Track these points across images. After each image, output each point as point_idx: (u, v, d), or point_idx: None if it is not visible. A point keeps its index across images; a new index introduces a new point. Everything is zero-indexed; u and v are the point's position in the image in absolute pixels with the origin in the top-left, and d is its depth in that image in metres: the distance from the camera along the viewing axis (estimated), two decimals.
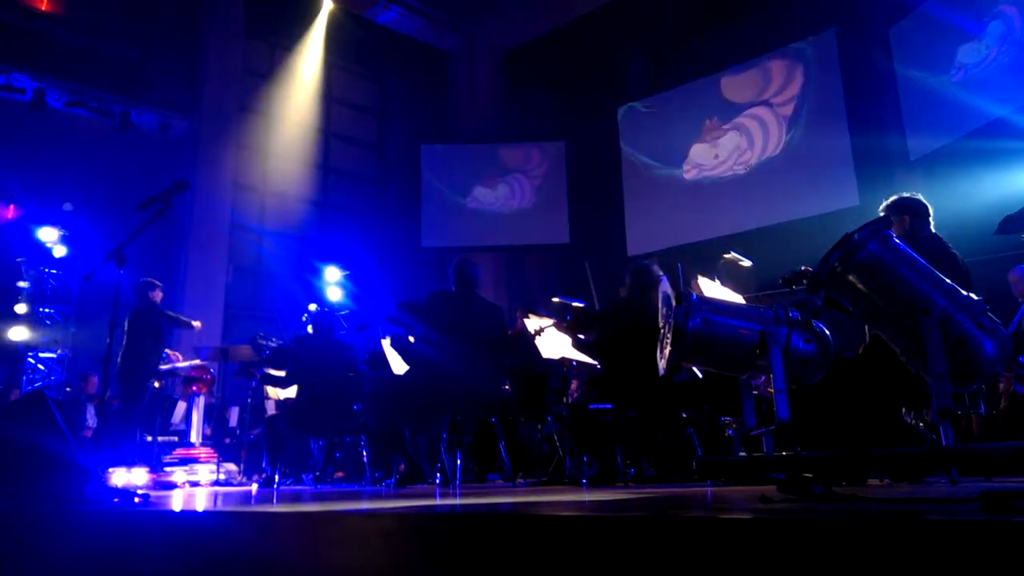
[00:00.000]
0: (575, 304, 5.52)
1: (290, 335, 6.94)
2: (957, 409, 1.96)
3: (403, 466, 4.75)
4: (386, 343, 5.35)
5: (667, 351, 2.22)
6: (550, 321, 4.68)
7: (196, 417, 7.21)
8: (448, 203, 12.08)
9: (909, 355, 2.04)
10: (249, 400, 6.87)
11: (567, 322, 4.43)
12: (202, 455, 6.85)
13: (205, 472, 6.55)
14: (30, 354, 9.13)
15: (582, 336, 4.40)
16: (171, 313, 6.79)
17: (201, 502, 3.17)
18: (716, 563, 1.22)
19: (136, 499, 2.79)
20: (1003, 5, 7.34)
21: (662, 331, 2.34)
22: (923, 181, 7.70)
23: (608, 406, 4.02)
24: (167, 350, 6.82)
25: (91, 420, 7.92)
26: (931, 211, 3.35)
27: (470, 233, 12.00)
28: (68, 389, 8.86)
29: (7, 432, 2.84)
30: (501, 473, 5.26)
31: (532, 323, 4.75)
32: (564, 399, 5.07)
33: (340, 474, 6.56)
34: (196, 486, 6.06)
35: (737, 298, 3.88)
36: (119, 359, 6.16)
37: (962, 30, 7.75)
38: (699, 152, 10.57)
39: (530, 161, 12.14)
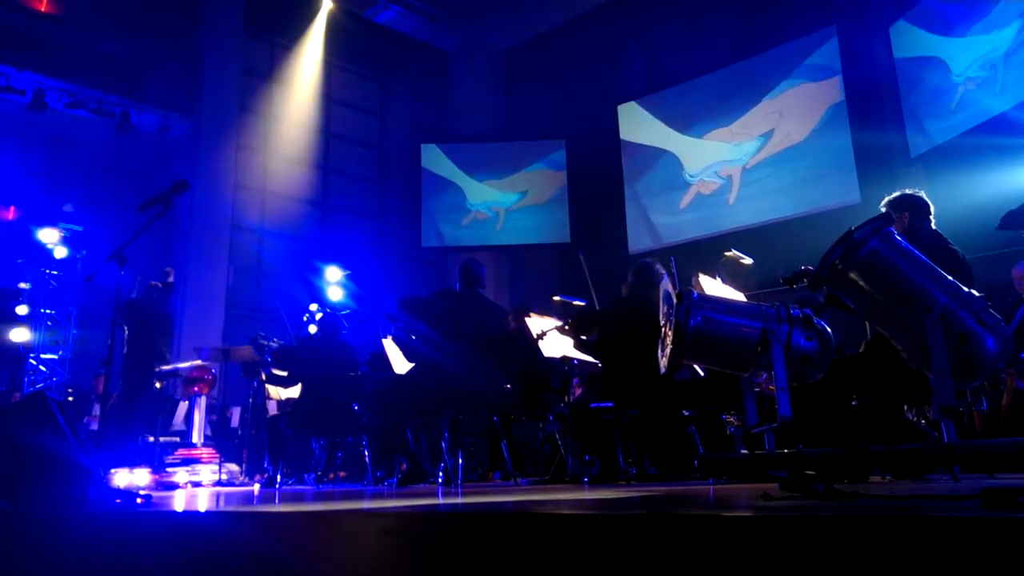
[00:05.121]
0: (576, 303, 5.51)
1: (292, 335, 6.95)
2: (959, 406, 1.96)
3: (405, 465, 4.75)
4: (387, 343, 5.35)
5: (668, 349, 2.22)
6: (552, 323, 4.67)
7: (198, 417, 7.21)
8: (448, 203, 12.08)
9: (911, 352, 2.03)
10: (251, 400, 6.87)
11: (568, 324, 4.43)
12: (204, 455, 6.85)
13: (207, 472, 6.56)
14: (31, 355, 9.13)
15: (584, 337, 4.39)
16: (163, 293, 6.73)
17: (203, 503, 3.17)
18: (718, 561, 1.22)
19: (138, 500, 2.79)
20: (1003, 3, 7.33)
21: (663, 329, 2.34)
22: (924, 178, 7.69)
23: (609, 404, 4.02)
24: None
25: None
26: (932, 207, 3.35)
27: (470, 233, 12.01)
28: (70, 391, 8.85)
29: (9, 433, 2.84)
30: (503, 472, 5.27)
31: (535, 324, 4.74)
32: (565, 398, 5.07)
33: (342, 474, 6.56)
34: (198, 486, 6.07)
35: (738, 296, 3.88)
36: (124, 356, 6.15)
37: (962, 27, 7.74)
38: (699, 150, 10.56)
39: (530, 161, 12.14)
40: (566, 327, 4.40)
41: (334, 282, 9.92)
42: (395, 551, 1.64)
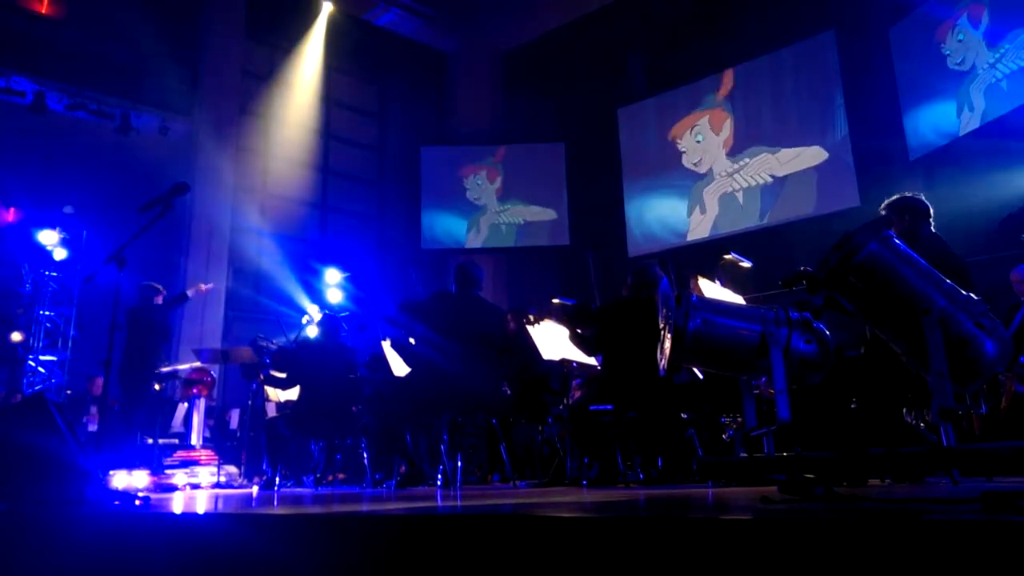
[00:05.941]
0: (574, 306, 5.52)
1: (291, 337, 6.94)
2: (958, 409, 1.96)
3: (404, 468, 4.75)
4: (386, 345, 5.35)
5: (667, 352, 2.22)
6: (550, 325, 4.68)
7: (197, 419, 7.20)
8: (447, 205, 12.08)
9: (910, 355, 2.03)
10: (249, 402, 6.87)
11: (568, 313, 4.44)
12: (203, 457, 6.84)
13: (206, 474, 6.54)
14: (30, 357, 9.13)
15: (581, 331, 4.39)
16: (169, 301, 6.80)
17: (202, 504, 3.17)
18: (717, 564, 1.22)
19: (137, 501, 2.79)
20: (1003, 6, 7.34)
21: (662, 332, 2.34)
22: (923, 181, 7.70)
23: (608, 407, 4.02)
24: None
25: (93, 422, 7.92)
26: (931, 210, 3.36)
27: (469, 235, 12.01)
28: (68, 392, 8.85)
29: (8, 435, 2.84)
30: (501, 474, 5.27)
31: (533, 328, 4.74)
32: (564, 400, 5.07)
33: (341, 476, 6.55)
34: (197, 488, 6.05)
35: (737, 299, 3.88)
36: (121, 360, 6.17)
37: (961, 30, 7.75)
38: (698, 152, 10.57)
39: (529, 162, 12.15)
40: (566, 314, 4.42)
41: (333, 284, 9.91)
42: (394, 554, 1.64)
